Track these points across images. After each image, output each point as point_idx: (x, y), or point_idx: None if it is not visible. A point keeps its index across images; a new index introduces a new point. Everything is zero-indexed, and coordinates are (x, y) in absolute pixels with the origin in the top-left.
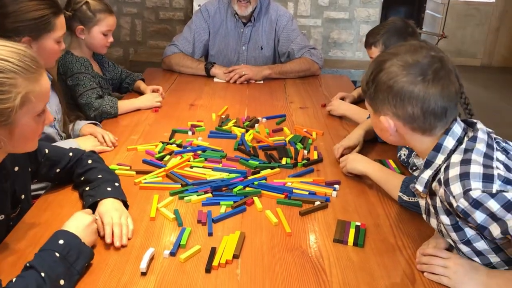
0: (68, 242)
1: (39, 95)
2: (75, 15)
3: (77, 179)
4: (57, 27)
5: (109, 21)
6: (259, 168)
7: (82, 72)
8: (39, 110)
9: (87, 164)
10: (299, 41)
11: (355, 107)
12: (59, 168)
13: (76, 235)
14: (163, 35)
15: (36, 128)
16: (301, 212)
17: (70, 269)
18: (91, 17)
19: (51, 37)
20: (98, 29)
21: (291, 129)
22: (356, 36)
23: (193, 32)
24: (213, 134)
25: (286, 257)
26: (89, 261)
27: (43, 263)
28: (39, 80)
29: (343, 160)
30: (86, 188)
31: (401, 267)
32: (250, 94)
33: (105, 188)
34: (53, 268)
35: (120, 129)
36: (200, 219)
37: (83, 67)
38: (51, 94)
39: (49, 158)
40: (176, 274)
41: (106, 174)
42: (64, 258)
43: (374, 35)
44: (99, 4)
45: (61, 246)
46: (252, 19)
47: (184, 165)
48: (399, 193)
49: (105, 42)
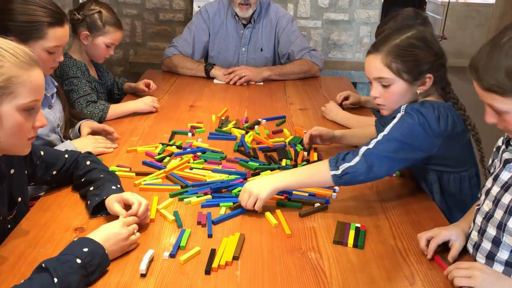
0: (92, 252)
1: (26, 85)
2: (84, 20)
3: (78, 181)
4: (49, 37)
5: (116, 35)
6: (259, 170)
7: (78, 77)
8: (25, 102)
9: (86, 165)
10: (299, 43)
11: (345, 114)
12: (55, 170)
13: (102, 245)
14: (163, 36)
15: (24, 124)
16: (301, 213)
17: (85, 279)
18: (100, 27)
19: (40, 45)
20: (103, 40)
21: (291, 131)
22: (356, 37)
23: (192, 33)
24: (213, 136)
25: (286, 258)
26: (103, 274)
27: (59, 267)
28: (28, 70)
29: (249, 198)
30: (90, 188)
31: (401, 269)
32: (250, 96)
33: (110, 187)
34: (68, 275)
35: (120, 130)
36: (200, 220)
37: (79, 71)
38: (55, 100)
39: (44, 160)
40: (176, 275)
41: (107, 174)
42: (84, 266)
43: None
44: (111, 17)
45: (84, 254)
46: (252, 20)
47: (184, 167)
48: (331, 172)
49: (105, 53)
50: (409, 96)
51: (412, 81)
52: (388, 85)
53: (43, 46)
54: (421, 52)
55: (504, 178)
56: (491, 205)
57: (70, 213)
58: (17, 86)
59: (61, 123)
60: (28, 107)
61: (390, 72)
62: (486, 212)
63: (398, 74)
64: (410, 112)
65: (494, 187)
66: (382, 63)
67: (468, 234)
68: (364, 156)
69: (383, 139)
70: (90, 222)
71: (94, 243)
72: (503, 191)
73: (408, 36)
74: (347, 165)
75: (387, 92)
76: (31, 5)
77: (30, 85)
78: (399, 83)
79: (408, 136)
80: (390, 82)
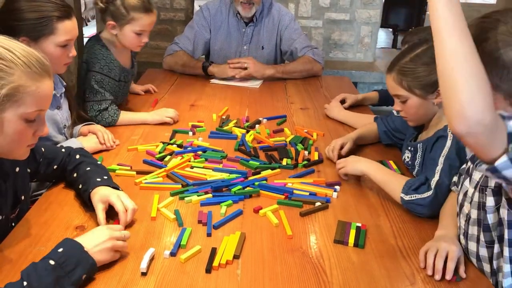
0: (67, 251)
1: (33, 96)
2: (108, 9)
3: (70, 177)
4: (59, 31)
5: (144, 21)
6: (260, 169)
7: (101, 73)
8: (29, 112)
9: (75, 159)
10: (302, 41)
11: (346, 113)
12: (56, 164)
13: (80, 244)
14: (164, 35)
15: (24, 133)
16: (302, 213)
17: (64, 278)
18: (124, 14)
19: (51, 41)
20: (130, 28)
21: (292, 130)
22: (357, 37)
23: (194, 30)
24: (214, 135)
25: (286, 257)
26: (89, 272)
27: (32, 272)
28: (38, 81)
29: (341, 162)
30: (79, 186)
31: (402, 268)
32: (250, 95)
33: (95, 179)
34: (41, 277)
35: (121, 129)
36: (201, 219)
37: (106, 68)
38: (63, 100)
39: (46, 156)
40: (177, 274)
41: (93, 166)
42: (59, 266)
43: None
44: (136, 0)
45: (58, 254)
46: (254, 19)
47: (184, 166)
48: (401, 194)
49: (138, 41)
50: (427, 108)
51: (425, 95)
52: (405, 101)
53: (54, 42)
54: (428, 68)
55: (476, 178)
56: (469, 207)
57: (70, 211)
58: (24, 95)
59: (68, 124)
60: (32, 116)
61: (402, 90)
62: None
63: (411, 90)
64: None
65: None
66: (395, 82)
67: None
68: (436, 190)
69: (445, 166)
70: (91, 220)
71: (71, 243)
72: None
73: (417, 54)
74: (417, 196)
75: (405, 107)
76: (37, 1)
77: (38, 96)
78: (413, 98)
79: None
80: (405, 98)
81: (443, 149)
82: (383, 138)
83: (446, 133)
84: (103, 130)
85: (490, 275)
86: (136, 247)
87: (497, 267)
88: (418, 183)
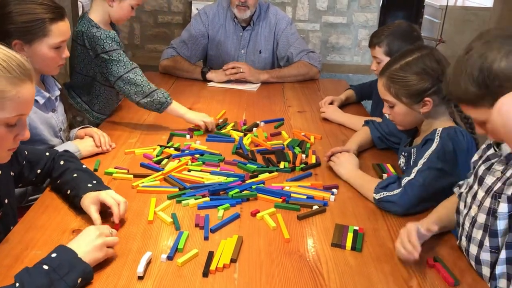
0: (60, 256)
1: (14, 101)
2: None
3: (54, 183)
4: (53, 33)
5: None
6: (257, 172)
7: (116, 49)
8: (9, 116)
9: (60, 166)
10: (298, 45)
11: (347, 116)
12: (39, 168)
13: (72, 249)
14: (161, 39)
15: (5, 137)
16: (299, 216)
17: (59, 281)
18: None
19: (45, 43)
20: (129, 2)
21: (289, 133)
22: (355, 40)
23: (191, 35)
24: (211, 138)
25: (284, 261)
26: (83, 276)
27: (25, 275)
28: (18, 85)
29: (333, 158)
30: (68, 192)
31: (399, 272)
32: (248, 98)
33: (85, 186)
34: (35, 280)
35: (118, 132)
36: (198, 223)
37: (115, 43)
38: (58, 103)
39: (29, 159)
40: (173, 278)
41: (80, 173)
42: (53, 271)
43: (379, 35)
44: None
45: (51, 259)
46: (251, 23)
47: (182, 169)
48: (373, 194)
49: (129, 15)
50: (413, 116)
51: (411, 104)
52: (392, 106)
53: (48, 44)
54: (417, 77)
55: (488, 183)
56: (477, 210)
57: (67, 215)
58: (3, 100)
59: (64, 127)
60: (12, 122)
61: (390, 96)
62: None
63: (398, 97)
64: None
65: (479, 191)
66: (384, 87)
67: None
68: (405, 188)
69: (423, 167)
70: (87, 224)
71: (64, 249)
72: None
73: (407, 62)
74: (386, 194)
75: (393, 112)
76: (29, 4)
77: (18, 101)
78: (399, 105)
79: (447, 161)
80: (393, 104)
81: (427, 151)
82: (377, 143)
83: (433, 136)
84: (100, 133)
85: (488, 279)
86: (133, 250)
87: (501, 272)
88: (387, 181)
